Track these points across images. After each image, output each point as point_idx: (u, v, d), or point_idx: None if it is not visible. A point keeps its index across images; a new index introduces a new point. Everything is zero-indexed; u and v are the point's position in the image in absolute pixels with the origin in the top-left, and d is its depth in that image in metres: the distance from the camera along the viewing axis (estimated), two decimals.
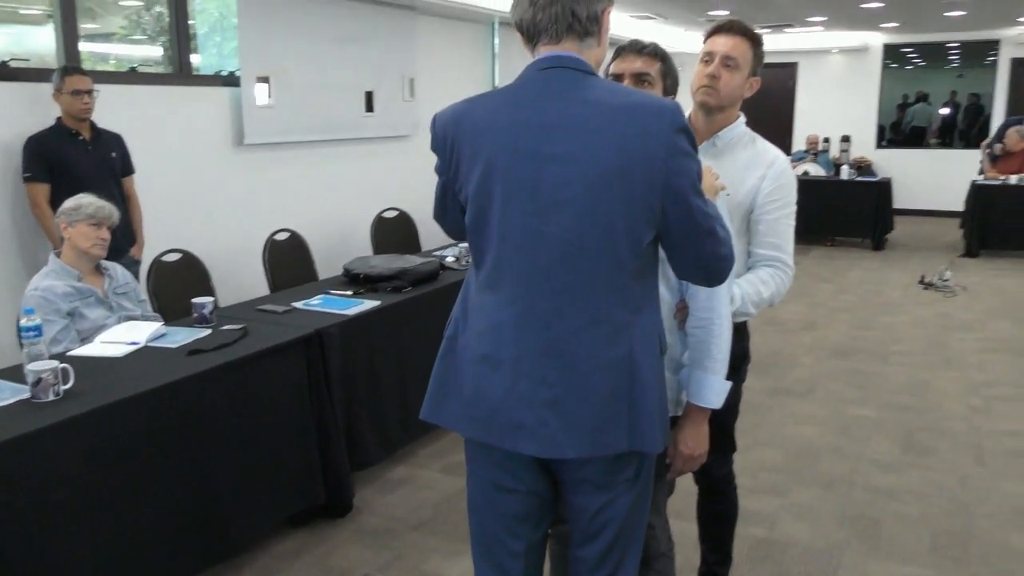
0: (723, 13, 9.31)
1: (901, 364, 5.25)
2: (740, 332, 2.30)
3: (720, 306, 1.94)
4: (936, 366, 5.20)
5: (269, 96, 5.29)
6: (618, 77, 2.05)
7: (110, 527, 2.48)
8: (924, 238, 10.07)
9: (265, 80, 5.24)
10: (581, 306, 1.58)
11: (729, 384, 1.95)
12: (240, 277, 4.87)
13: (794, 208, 2.25)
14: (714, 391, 1.92)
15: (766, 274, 2.21)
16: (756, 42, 2.21)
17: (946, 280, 7.40)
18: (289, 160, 5.57)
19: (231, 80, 5.23)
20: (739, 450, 2.54)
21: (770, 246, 2.22)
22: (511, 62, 8.14)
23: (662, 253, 1.69)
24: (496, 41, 7.87)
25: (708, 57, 2.20)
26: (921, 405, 4.53)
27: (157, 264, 4.05)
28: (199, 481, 2.77)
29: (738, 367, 2.29)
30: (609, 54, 1.82)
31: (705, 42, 2.23)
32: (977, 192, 8.72)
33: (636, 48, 2.04)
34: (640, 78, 2.00)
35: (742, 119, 2.27)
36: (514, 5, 1.63)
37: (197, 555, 2.78)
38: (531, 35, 1.62)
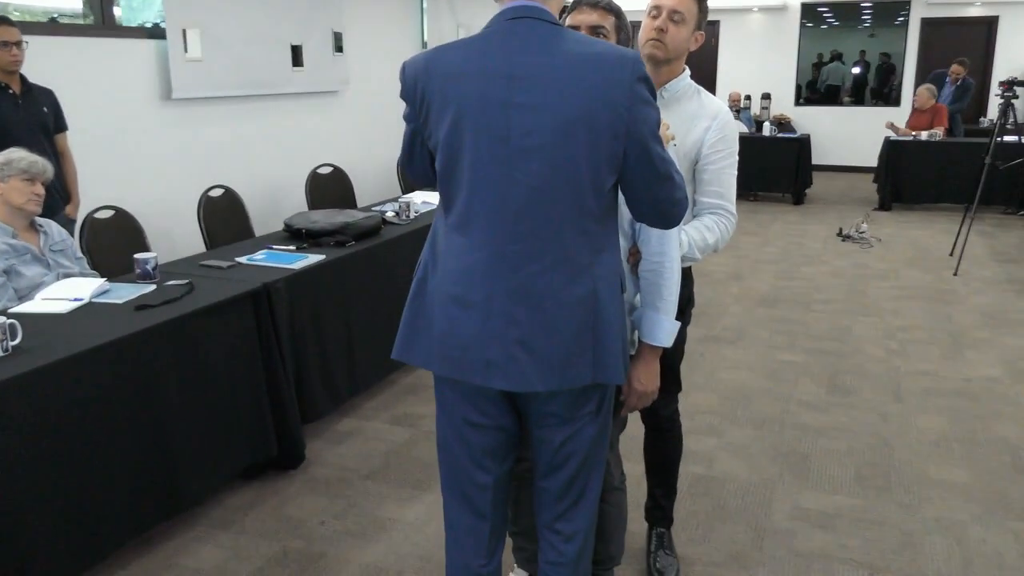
0: None
1: (823, 312, 5.50)
2: (686, 277, 2.39)
3: (671, 250, 2.04)
4: (855, 313, 5.47)
5: (198, 50, 5.14)
6: (574, 29, 2.08)
7: (64, 484, 2.47)
8: (840, 193, 10.44)
9: (193, 33, 5.09)
10: (548, 248, 1.65)
11: (678, 324, 2.04)
12: (175, 234, 4.79)
13: (736, 159, 2.35)
14: (665, 331, 2.01)
15: (711, 221, 2.31)
16: (703, 2, 2.30)
17: (862, 232, 7.73)
18: (219, 115, 5.45)
19: (156, 32, 5.07)
20: None
21: (714, 195, 2.32)
22: (439, 18, 8.08)
23: (621, 198, 1.77)
24: None
25: (656, 11, 2.26)
26: (843, 349, 4.77)
27: (90, 220, 3.96)
28: (152, 436, 2.76)
29: (684, 310, 2.40)
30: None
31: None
32: (890, 148, 9.08)
33: (591, 2, 2.10)
34: (595, 30, 2.05)
35: (687, 72, 2.35)
36: None
37: (151, 510, 2.79)
38: None
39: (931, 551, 2.80)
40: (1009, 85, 6.79)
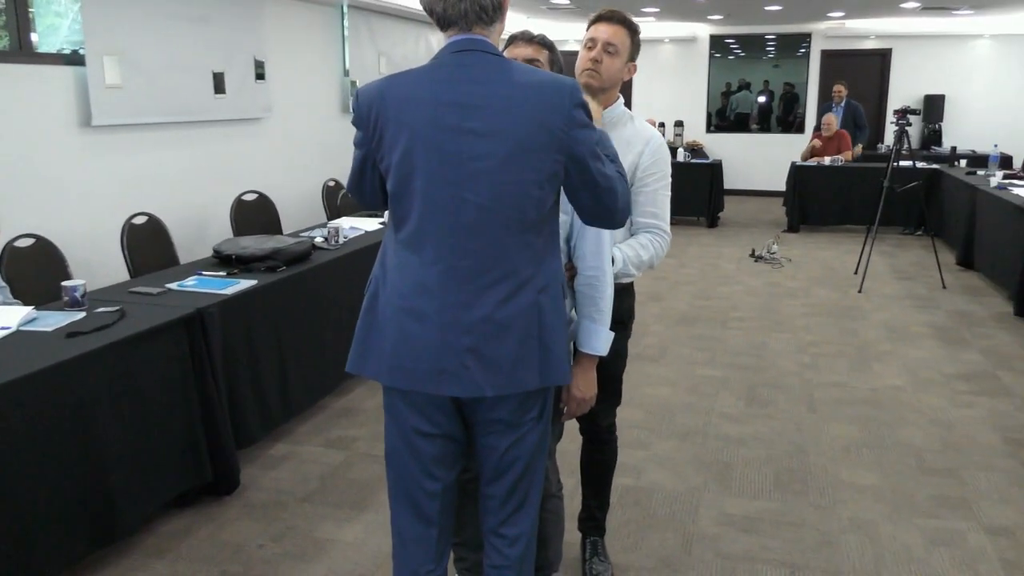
0: (564, 2, 9.66)
1: (739, 328, 5.74)
2: (627, 292, 2.54)
3: (605, 264, 2.18)
4: (770, 329, 5.72)
5: (117, 76, 5.09)
6: None
7: None
8: (751, 216, 10.87)
9: (112, 59, 5.04)
10: (496, 263, 1.76)
11: (612, 334, 2.17)
12: (98, 262, 4.70)
13: (669, 181, 2.51)
14: (602, 340, 2.15)
15: (645, 239, 2.46)
16: (634, 31, 2.45)
17: (773, 253, 8.08)
18: (141, 142, 5.38)
19: (75, 58, 5.00)
20: None
21: (649, 215, 2.48)
22: (360, 46, 8.14)
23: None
24: (346, 24, 7.84)
25: (591, 43, 2.41)
26: (759, 364, 4.99)
27: (10, 250, 3.87)
28: (84, 464, 2.73)
29: (626, 323, 2.54)
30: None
31: (588, 29, 2.45)
32: (796, 173, 9.52)
33: (526, 38, 2.25)
34: (530, 63, 2.18)
35: (620, 100, 2.51)
36: None
37: (84, 540, 2.74)
38: (443, 24, 1.78)
39: (846, 548, 2.97)
40: (903, 113, 7.23)
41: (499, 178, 1.72)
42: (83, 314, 3.14)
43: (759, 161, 12.49)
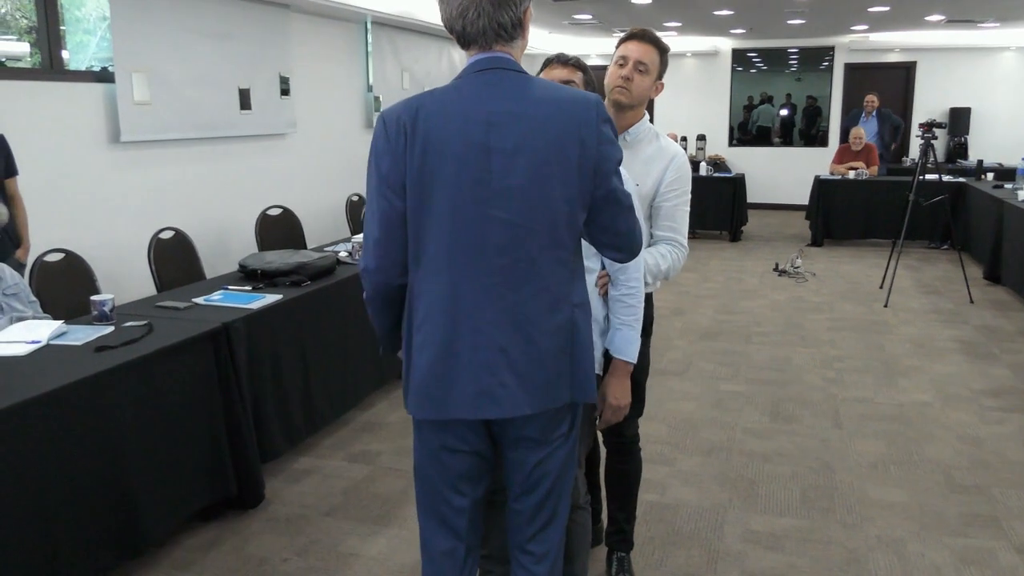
0: (586, 17, 9.69)
1: (763, 343, 5.70)
2: (649, 301, 2.57)
3: (641, 276, 2.31)
4: (794, 344, 5.68)
5: (146, 93, 5.16)
6: None
7: (22, 527, 2.45)
8: (774, 230, 10.81)
9: (141, 76, 5.11)
10: (529, 279, 1.76)
11: (640, 341, 2.23)
12: (125, 276, 4.76)
13: (689, 197, 2.57)
14: (636, 347, 2.27)
15: (664, 249, 2.52)
16: (663, 50, 2.54)
17: (797, 267, 8.03)
18: (167, 158, 5.46)
19: (104, 76, 5.08)
20: None
21: (668, 228, 2.54)
22: (384, 62, 8.21)
23: None
24: (369, 39, 7.92)
25: (622, 61, 2.49)
26: (783, 379, 4.95)
27: (40, 264, 3.93)
28: (111, 477, 2.75)
29: (648, 332, 2.55)
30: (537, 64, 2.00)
31: (619, 46, 2.52)
32: (820, 186, 9.47)
33: (561, 60, 2.33)
34: (566, 84, 2.23)
35: (646, 117, 2.56)
36: (444, 15, 1.77)
37: (110, 553, 2.76)
38: (463, 42, 1.79)
39: (874, 567, 2.94)
40: (929, 127, 7.17)
41: (529, 195, 1.72)
42: (111, 328, 3.18)
43: (782, 175, 12.44)
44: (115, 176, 5.07)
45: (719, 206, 9.80)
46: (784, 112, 12.89)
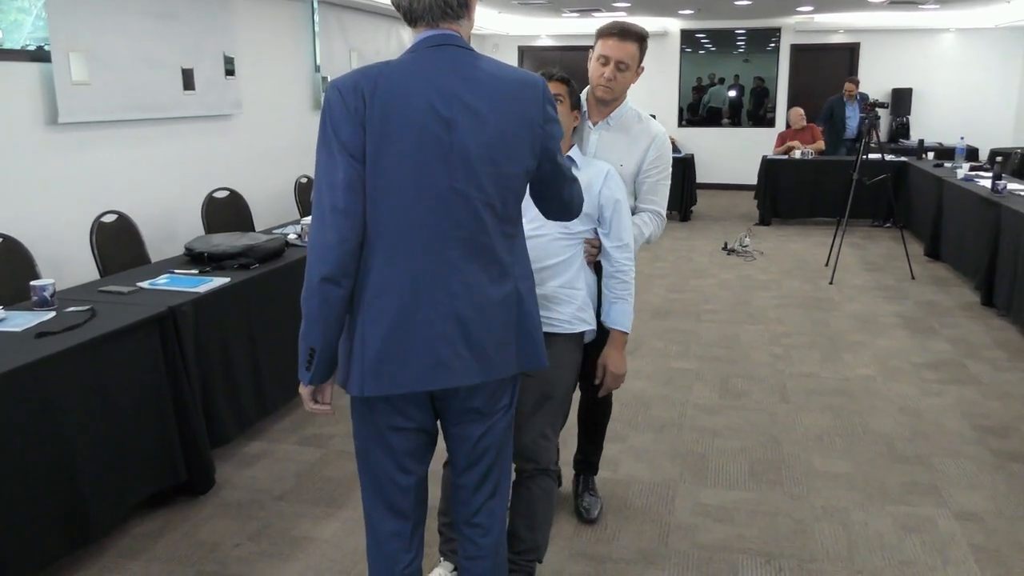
0: None
1: (712, 321, 5.78)
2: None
3: (633, 254, 2.61)
4: (742, 321, 5.77)
5: (84, 73, 5.02)
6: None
7: None
8: (724, 209, 10.94)
9: (79, 56, 4.96)
10: (483, 252, 1.79)
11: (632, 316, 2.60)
12: (67, 262, 4.64)
13: (669, 172, 2.81)
14: (630, 318, 2.60)
15: (647, 217, 2.79)
16: (643, 40, 2.68)
17: (745, 246, 8.15)
18: (109, 140, 5.31)
19: (40, 55, 4.92)
20: None
21: (650, 201, 2.80)
22: (331, 41, 8.09)
23: None
24: (316, 19, 7.79)
25: (604, 60, 2.65)
26: (732, 356, 5.03)
27: None
28: (56, 466, 2.70)
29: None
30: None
31: (598, 41, 2.67)
32: (767, 167, 9.60)
33: (548, 75, 2.43)
34: (556, 97, 2.26)
35: (628, 100, 2.77)
36: None
37: (56, 542, 2.71)
38: (410, 18, 1.79)
39: (820, 536, 3.01)
40: (872, 107, 7.31)
41: (486, 168, 1.74)
42: (52, 314, 3.10)
43: (731, 155, 12.58)
44: (54, 158, 4.92)
45: (670, 186, 9.86)
46: (732, 93, 13.03)
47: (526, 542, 2.45)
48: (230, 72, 6.44)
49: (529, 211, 2.14)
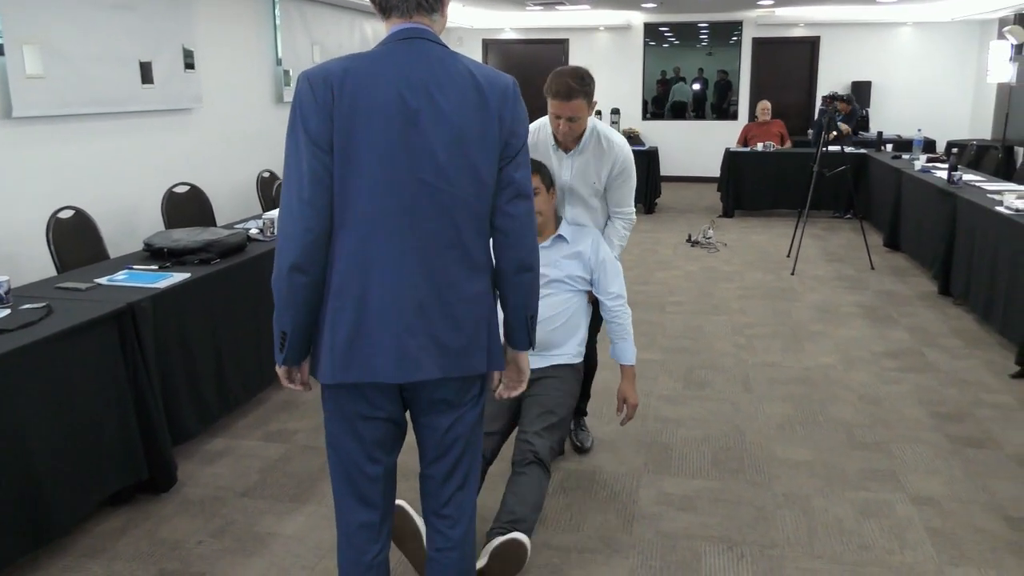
0: None
1: (677, 312, 5.83)
2: None
3: (623, 289, 3.19)
4: (706, 312, 5.83)
5: (39, 66, 4.92)
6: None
7: None
8: (688, 202, 11.02)
9: (33, 49, 4.86)
10: (452, 246, 1.79)
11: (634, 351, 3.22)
12: (22, 258, 4.56)
13: (632, 178, 3.24)
14: (633, 353, 3.22)
15: (619, 224, 3.32)
16: (587, 88, 2.96)
17: (709, 238, 8.22)
18: (65, 134, 5.22)
19: None
20: None
21: (617, 204, 3.29)
22: (293, 35, 8.02)
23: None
24: (277, 12, 7.71)
25: (556, 116, 3.01)
26: (696, 347, 5.08)
27: None
28: (12, 466, 2.65)
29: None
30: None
31: (548, 100, 2.99)
32: (731, 159, 9.69)
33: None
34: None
35: (591, 124, 3.11)
36: None
37: (15, 543, 2.67)
38: (384, 10, 1.79)
39: (781, 522, 3.06)
40: (831, 99, 7.41)
41: (456, 162, 1.75)
42: (7, 311, 3.05)
43: (695, 148, 12.67)
44: (8, 153, 4.83)
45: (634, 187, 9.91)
46: (696, 87, 13.11)
47: (514, 512, 2.62)
48: (190, 65, 6.35)
49: (548, 274, 3.01)
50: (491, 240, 1.88)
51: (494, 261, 1.90)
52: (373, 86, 1.70)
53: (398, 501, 2.47)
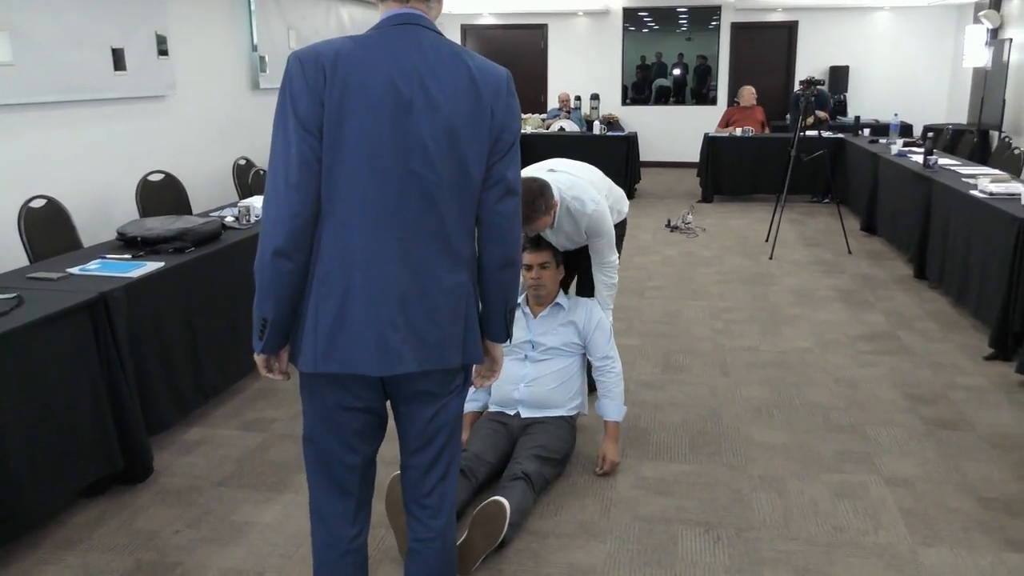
0: None
1: (656, 298, 5.85)
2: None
3: (613, 352, 3.43)
4: (684, 297, 5.85)
5: (8, 53, 4.84)
6: (526, 268, 3.32)
7: None
8: (667, 187, 11.04)
9: (2, 35, 4.79)
10: (436, 237, 1.77)
11: (624, 409, 3.43)
12: None
13: (607, 235, 3.44)
14: (617, 411, 3.38)
15: (604, 273, 3.52)
16: (547, 215, 3.17)
17: (688, 223, 8.24)
18: (36, 122, 5.15)
19: None
20: None
21: (598, 255, 3.52)
22: (268, 20, 7.94)
23: None
24: None
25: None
26: (674, 331, 5.10)
27: None
28: None
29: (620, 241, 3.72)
30: None
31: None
32: (710, 144, 9.70)
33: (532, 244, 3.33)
34: (542, 266, 3.35)
35: (553, 204, 3.20)
36: None
37: None
38: None
39: (757, 505, 3.08)
40: (808, 84, 7.43)
41: (445, 153, 1.73)
42: None
43: (674, 133, 12.68)
44: None
45: (613, 165, 9.89)
46: (676, 72, 13.10)
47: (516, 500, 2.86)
48: (163, 52, 6.28)
49: (545, 342, 3.37)
50: (475, 234, 1.87)
51: (477, 255, 1.88)
52: (365, 71, 1.67)
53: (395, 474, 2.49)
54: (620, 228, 3.74)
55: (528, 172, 3.34)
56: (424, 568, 2.02)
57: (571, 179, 3.37)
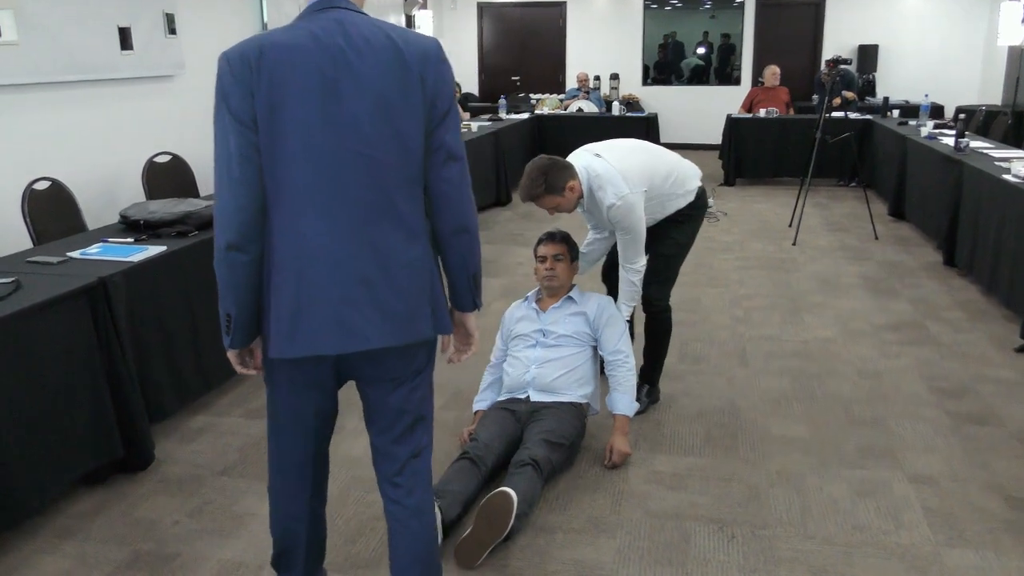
0: None
1: (675, 284, 5.69)
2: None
3: (628, 347, 3.36)
4: (704, 284, 5.71)
5: (12, 32, 4.76)
6: (541, 260, 3.39)
7: None
8: None
9: (6, 14, 4.71)
10: (387, 213, 1.77)
11: (636, 405, 3.37)
12: None
13: (634, 232, 3.34)
14: (627, 405, 3.28)
15: (627, 276, 3.43)
16: (553, 186, 3.19)
17: (710, 207, 8.05)
18: (41, 103, 5.07)
19: None
20: None
21: (623, 257, 3.42)
22: None
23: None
24: None
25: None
26: (693, 319, 4.97)
27: None
28: None
29: (698, 215, 3.74)
30: None
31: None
32: (732, 125, 9.50)
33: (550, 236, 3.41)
34: (556, 258, 3.39)
35: (575, 190, 3.24)
36: None
37: None
38: None
39: (774, 502, 2.97)
40: (834, 64, 7.22)
41: (381, 129, 1.73)
42: None
43: (696, 114, 12.45)
44: None
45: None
46: (701, 50, 12.86)
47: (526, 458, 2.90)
48: (171, 31, 6.18)
49: (556, 331, 3.34)
50: (425, 204, 1.88)
51: (431, 224, 1.89)
52: (290, 60, 1.70)
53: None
54: (689, 212, 3.63)
55: (575, 154, 3.42)
56: (404, 548, 2.04)
57: (606, 168, 3.26)
